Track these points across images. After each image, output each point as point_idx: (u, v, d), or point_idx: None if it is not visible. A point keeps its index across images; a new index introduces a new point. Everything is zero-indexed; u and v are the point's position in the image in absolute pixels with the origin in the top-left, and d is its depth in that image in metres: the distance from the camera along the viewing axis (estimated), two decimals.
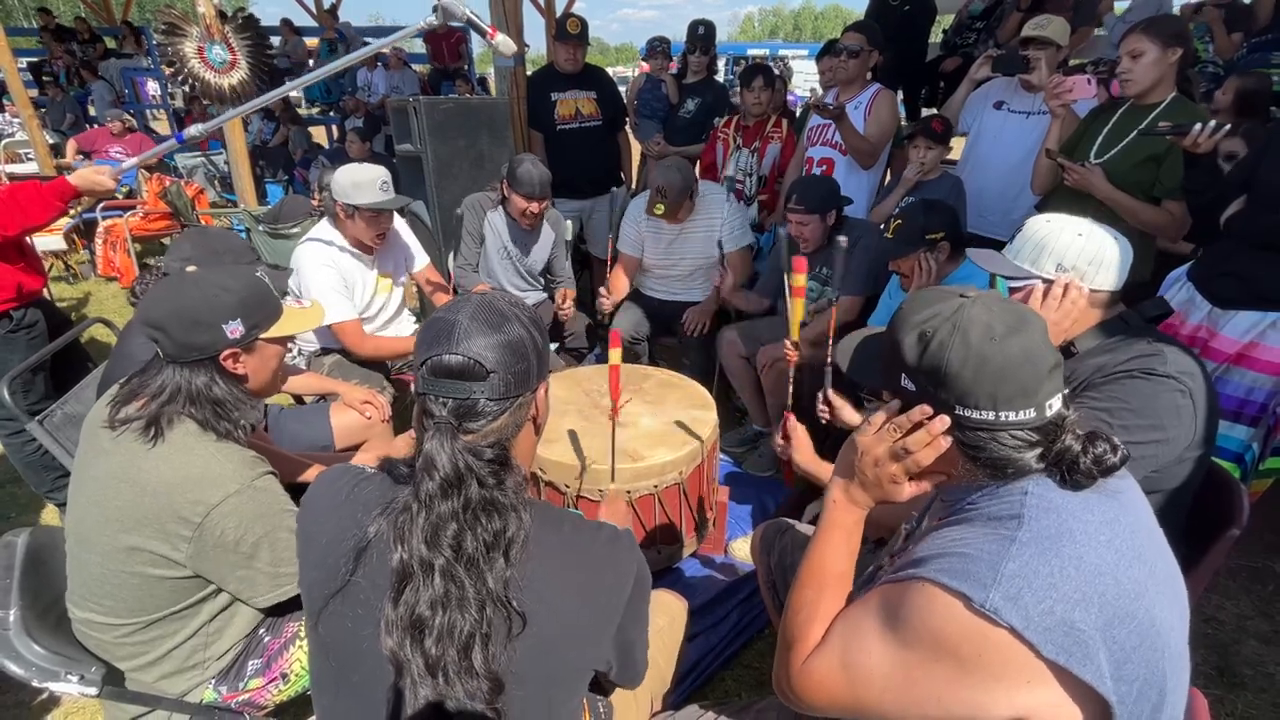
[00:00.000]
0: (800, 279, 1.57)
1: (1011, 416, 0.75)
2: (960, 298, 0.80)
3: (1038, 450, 0.76)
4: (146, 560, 1.10)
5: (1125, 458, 0.75)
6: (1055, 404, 0.76)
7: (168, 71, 4.74)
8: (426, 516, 0.74)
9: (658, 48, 4.15)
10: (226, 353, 1.16)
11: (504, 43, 1.76)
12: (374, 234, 2.24)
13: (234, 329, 1.15)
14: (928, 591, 0.70)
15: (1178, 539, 0.79)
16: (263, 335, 1.22)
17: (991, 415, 0.75)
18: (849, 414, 1.70)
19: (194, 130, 1.94)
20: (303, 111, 9.10)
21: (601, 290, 2.76)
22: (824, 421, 1.75)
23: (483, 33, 1.72)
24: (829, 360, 1.69)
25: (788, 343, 1.73)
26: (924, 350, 0.78)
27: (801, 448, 1.46)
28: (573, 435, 1.82)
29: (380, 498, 0.81)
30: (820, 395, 1.72)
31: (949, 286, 0.86)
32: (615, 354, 1.57)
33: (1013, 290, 1.33)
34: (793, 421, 1.49)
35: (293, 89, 2.12)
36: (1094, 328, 1.29)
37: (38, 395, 2.08)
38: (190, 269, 1.32)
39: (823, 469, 1.44)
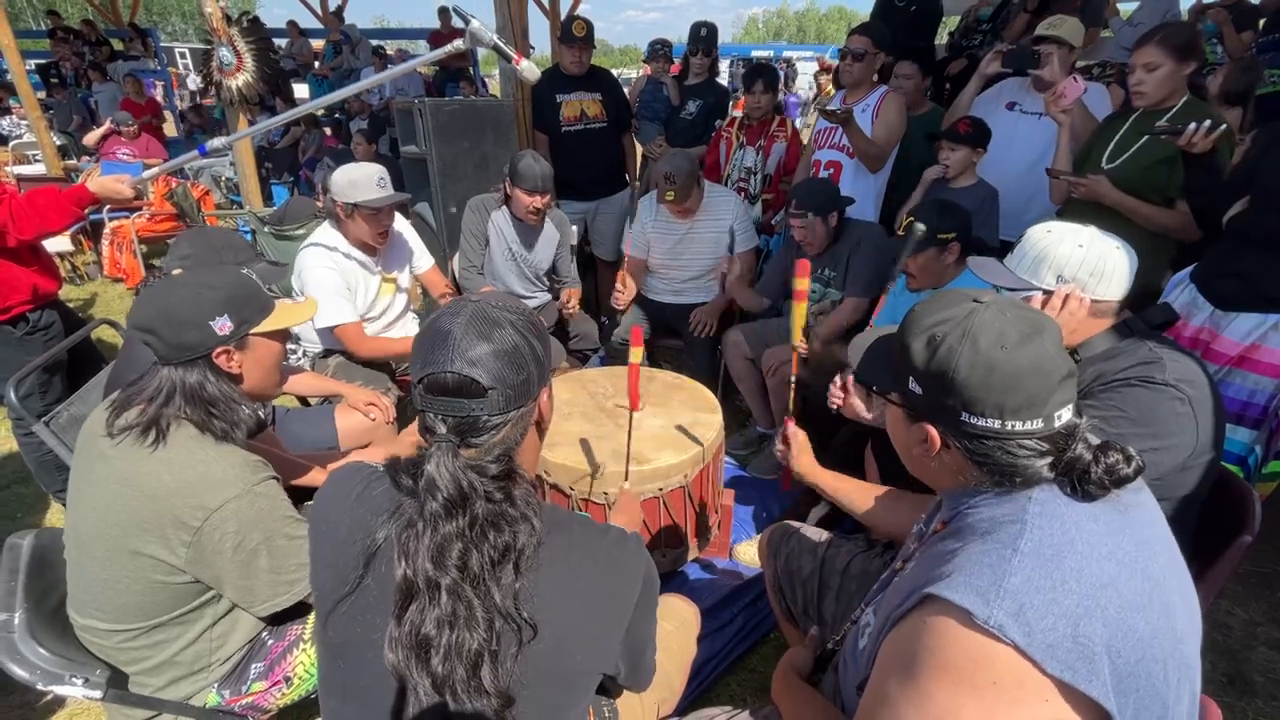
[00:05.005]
0: (803, 283, 1.52)
1: (1018, 426, 0.73)
2: (974, 302, 0.79)
3: (1048, 459, 0.74)
4: (147, 565, 1.09)
5: (1140, 469, 0.73)
6: (1065, 414, 0.75)
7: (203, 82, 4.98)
8: (432, 536, 0.73)
9: (659, 50, 4.14)
10: (219, 351, 1.16)
11: (529, 68, 1.76)
12: (375, 232, 2.24)
13: (222, 325, 1.14)
14: (930, 622, 0.68)
15: (1188, 546, 0.78)
16: (254, 330, 1.21)
17: (998, 424, 0.74)
18: (858, 405, 1.68)
19: (217, 142, 1.94)
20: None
21: (618, 287, 2.81)
22: (834, 408, 1.72)
23: (508, 58, 1.70)
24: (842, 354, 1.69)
25: (795, 346, 1.67)
26: (932, 354, 0.77)
27: (801, 453, 1.45)
28: (582, 440, 1.81)
29: (389, 501, 0.80)
30: (838, 379, 1.66)
31: (964, 290, 0.84)
32: (636, 353, 1.55)
33: None
34: (792, 427, 1.47)
35: (321, 104, 2.13)
36: (1098, 335, 1.28)
37: (55, 395, 2.08)
38: (176, 271, 1.32)
39: (821, 476, 1.43)
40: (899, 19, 3.57)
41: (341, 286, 2.23)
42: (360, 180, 2.15)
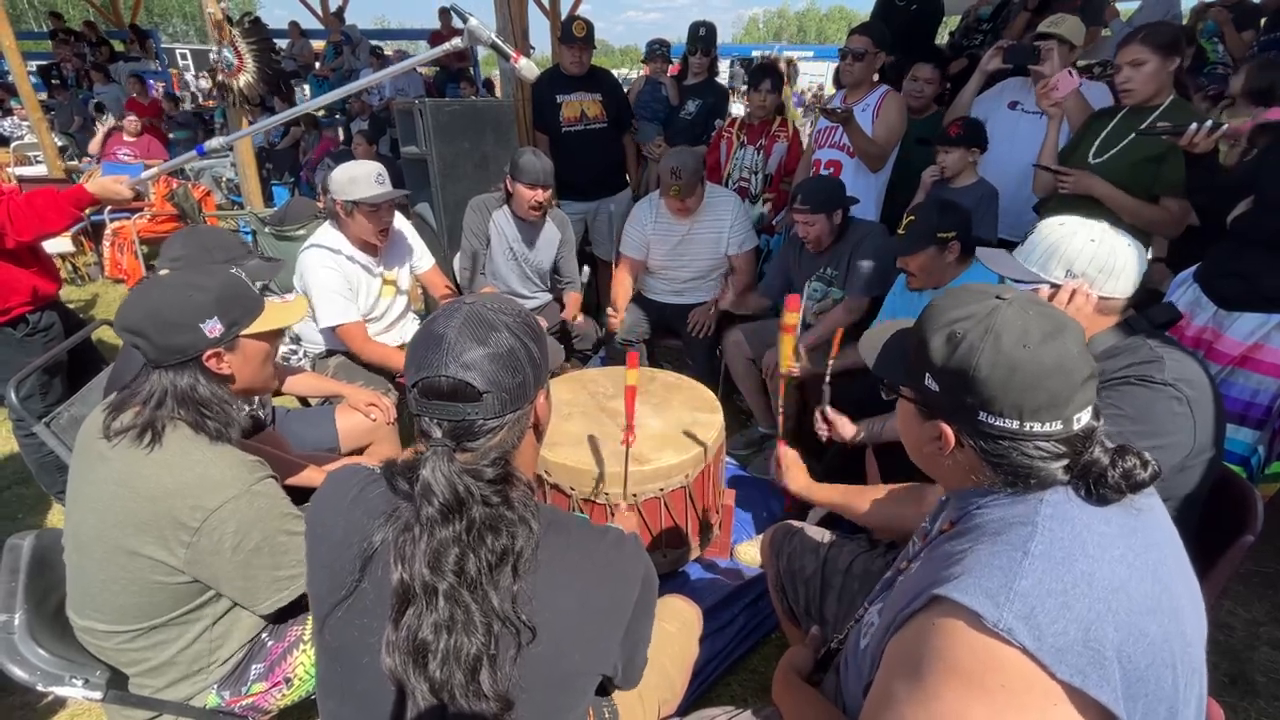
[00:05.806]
0: (793, 317, 1.57)
1: (1037, 428, 0.72)
2: (996, 299, 0.77)
3: (1064, 462, 0.73)
4: (145, 566, 1.09)
5: (1156, 474, 0.72)
6: (1084, 416, 0.73)
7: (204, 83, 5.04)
8: (428, 541, 0.72)
9: (658, 51, 4.14)
10: (209, 353, 1.14)
11: (527, 67, 1.76)
12: (376, 229, 2.23)
13: (212, 328, 1.13)
14: (939, 623, 0.68)
15: (1190, 546, 0.77)
16: (244, 332, 1.19)
17: (1016, 424, 0.72)
18: (846, 428, 1.72)
19: (214, 143, 1.94)
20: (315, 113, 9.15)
21: (610, 311, 2.80)
22: (823, 439, 1.77)
23: (507, 56, 1.70)
24: (826, 380, 1.72)
25: (784, 374, 1.70)
26: (953, 351, 0.75)
27: (794, 475, 1.48)
28: (590, 440, 1.81)
29: (385, 504, 0.79)
30: (818, 413, 1.74)
31: (985, 285, 0.82)
32: (632, 374, 1.52)
33: None
34: (782, 449, 1.51)
35: (319, 104, 2.14)
36: (1102, 333, 1.27)
37: (55, 397, 2.08)
38: (163, 272, 1.30)
39: (818, 492, 1.45)
40: (899, 19, 3.56)
41: (344, 286, 2.23)
42: (359, 177, 2.15)
